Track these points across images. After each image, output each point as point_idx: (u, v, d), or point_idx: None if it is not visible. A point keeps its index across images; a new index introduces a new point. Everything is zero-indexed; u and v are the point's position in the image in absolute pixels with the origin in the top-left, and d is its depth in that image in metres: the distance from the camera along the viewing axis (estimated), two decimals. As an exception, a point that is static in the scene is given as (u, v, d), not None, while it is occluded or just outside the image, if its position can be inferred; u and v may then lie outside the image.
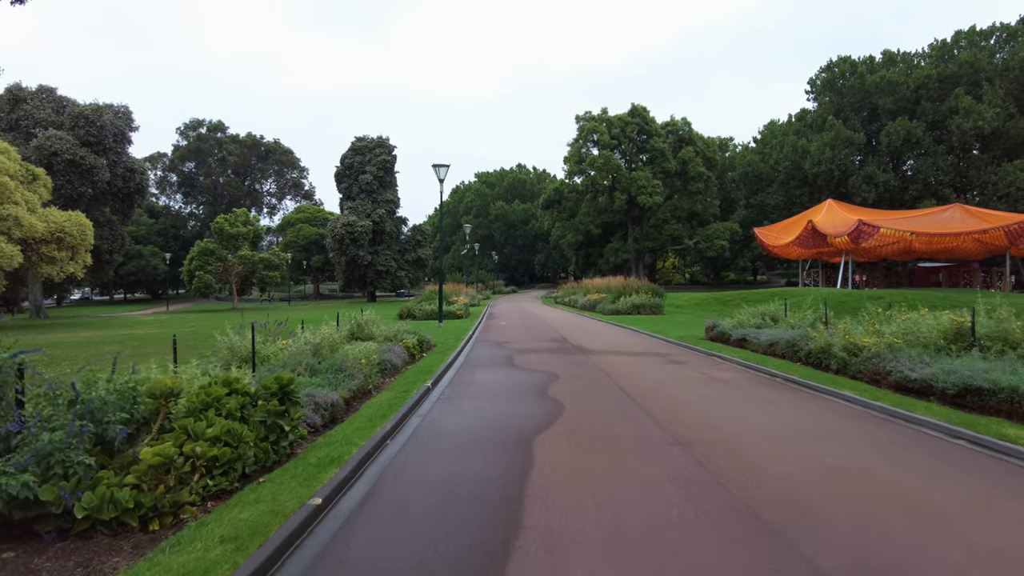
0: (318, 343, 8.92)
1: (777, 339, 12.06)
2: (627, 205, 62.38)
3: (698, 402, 7.66)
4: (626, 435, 5.90)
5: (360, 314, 13.61)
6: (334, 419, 7.00)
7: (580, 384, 9.02)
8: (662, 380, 9.40)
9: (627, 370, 10.49)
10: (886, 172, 53.89)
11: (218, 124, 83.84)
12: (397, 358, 10.98)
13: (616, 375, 9.91)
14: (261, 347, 8.95)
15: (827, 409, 7.34)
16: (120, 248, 43.51)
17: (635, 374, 10.02)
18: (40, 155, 36.70)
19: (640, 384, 9.03)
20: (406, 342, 12.39)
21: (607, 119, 65.05)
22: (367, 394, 8.56)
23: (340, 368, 8.15)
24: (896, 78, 53.48)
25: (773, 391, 8.54)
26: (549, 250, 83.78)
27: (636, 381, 9.30)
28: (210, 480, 4.31)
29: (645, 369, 10.62)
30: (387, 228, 57.30)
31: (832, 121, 54.63)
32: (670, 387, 8.76)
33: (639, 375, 9.90)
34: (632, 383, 9.11)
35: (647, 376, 9.79)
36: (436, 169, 21.87)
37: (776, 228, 52.30)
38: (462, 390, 8.74)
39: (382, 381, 9.69)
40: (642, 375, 9.89)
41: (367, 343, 10.73)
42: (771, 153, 62.59)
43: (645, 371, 10.36)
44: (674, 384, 9.04)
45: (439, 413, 7.18)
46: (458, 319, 26.64)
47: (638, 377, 9.69)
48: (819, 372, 9.85)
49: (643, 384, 9.03)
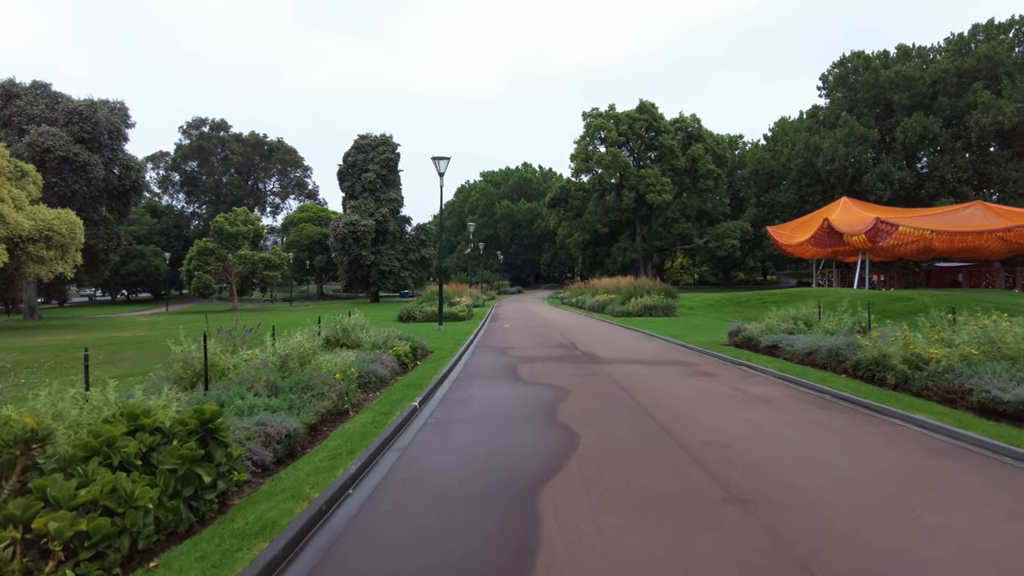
0: (286, 355, 7.58)
1: (816, 347, 10.63)
2: (635, 203, 60.88)
3: (743, 430, 6.26)
4: (664, 486, 4.50)
5: (347, 317, 12.28)
6: (292, 452, 5.66)
7: (595, 403, 7.63)
8: (691, 398, 8.00)
9: (648, 384, 9.09)
10: (901, 169, 52.33)
11: (221, 123, 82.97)
12: (385, 369, 9.64)
13: (636, 391, 8.52)
14: (221, 359, 7.62)
15: (904, 440, 5.92)
16: (116, 247, 42.47)
17: (658, 390, 8.62)
18: (33, 152, 35.69)
19: (666, 404, 7.63)
20: (396, 349, 11.05)
21: (615, 115, 63.56)
22: (342, 415, 7.23)
23: (308, 386, 6.81)
24: (912, 73, 51.90)
25: (827, 414, 7.12)
26: (555, 250, 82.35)
27: (661, 399, 7.90)
28: (71, 572, 2.97)
29: (668, 383, 9.22)
30: (390, 227, 56.09)
31: (846, 117, 53.06)
32: (703, 408, 7.37)
33: (663, 391, 8.50)
34: (657, 402, 7.71)
35: (673, 393, 8.39)
36: (436, 162, 20.56)
37: (789, 227, 50.96)
38: (454, 411, 7.37)
39: (364, 397, 8.35)
40: (666, 391, 8.49)
41: (350, 352, 9.39)
42: (782, 150, 61.20)
43: (669, 386, 8.96)
44: (707, 404, 7.64)
45: (422, 446, 5.81)
46: (460, 321, 25.29)
47: (662, 394, 8.29)
48: (873, 387, 8.43)
49: (670, 404, 7.63)
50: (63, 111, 37.65)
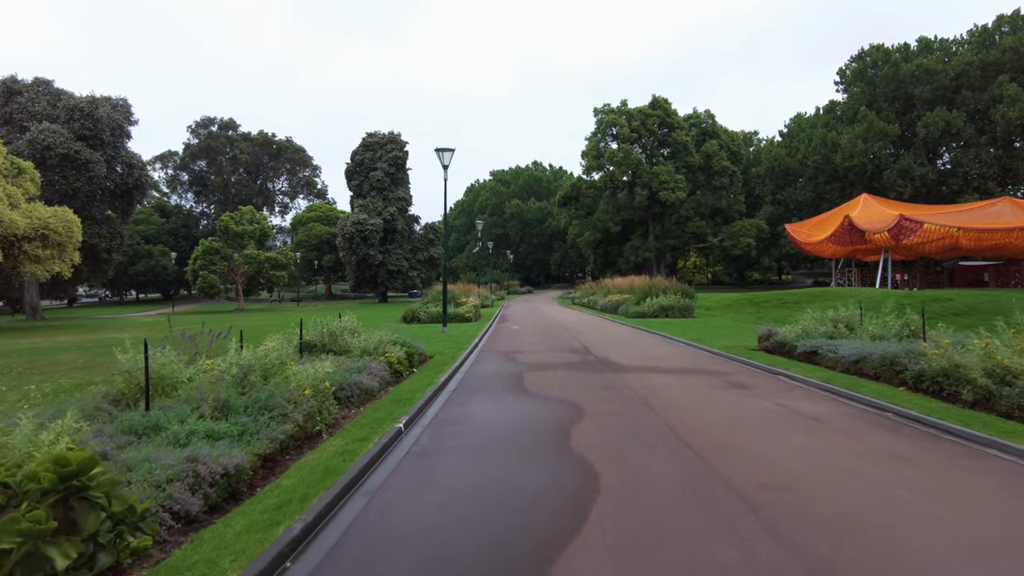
0: (247, 365, 6.40)
1: (865, 354, 9.28)
2: (648, 201, 59.36)
3: (804, 465, 4.97)
4: (723, 559, 3.24)
5: (338, 319, 11.11)
6: (235, 494, 4.46)
7: (616, 426, 6.37)
8: (730, 418, 6.70)
9: (675, 399, 7.80)
10: (923, 165, 50.54)
11: (229, 122, 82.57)
12: (372, 379, 8.45)
13: (663, 408, 7.24)
14: (175, 370, 6.47)
15: (1019, 483, 4.62)
16: (119, 247, 41.79)
17: (688, 407, 7.33)
18: (33, 149, 35.06)
19: (702, 426, 6.34)
20: (389, 356, 9.84)
21: (627, 111, 62.09)
22: (313, 439, 6.04)
23: (267, 405, 5.62)
24: (934, 66, 50.11)
25: (899, 440, 5.81)
26: (566, 249, 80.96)
27: (694, 420, 6.62)
28: None
29: (699, 398, 7.92)
30: (399, 226, 55.11)
31: (865, 112, 51.33)
32: (748, 432, 6.07)
33: (695, 409, 7.20)
34: (690, 424, 6.42)
35: (706, 411, 7.09)
36: (439, 154, 19.38)
37: (807, 224, 49.56)
38: (445, 436, 6.12)
39: (344, 414, 7.16)
40: (699, 409, 7.19)
41: (326, 362, 8.20)
42: (798, 147, 59.69)
43: (700, 401, 7.67)
44: (750, 426, 6.34)
45: (398, 488, 4.56)
46: (466, 322, 24.11)
47: (694, 412, 6.99)
48: (945, 404, 7.08)
49: (706, 426, 6.34)
50: (64, 108, 37.01)
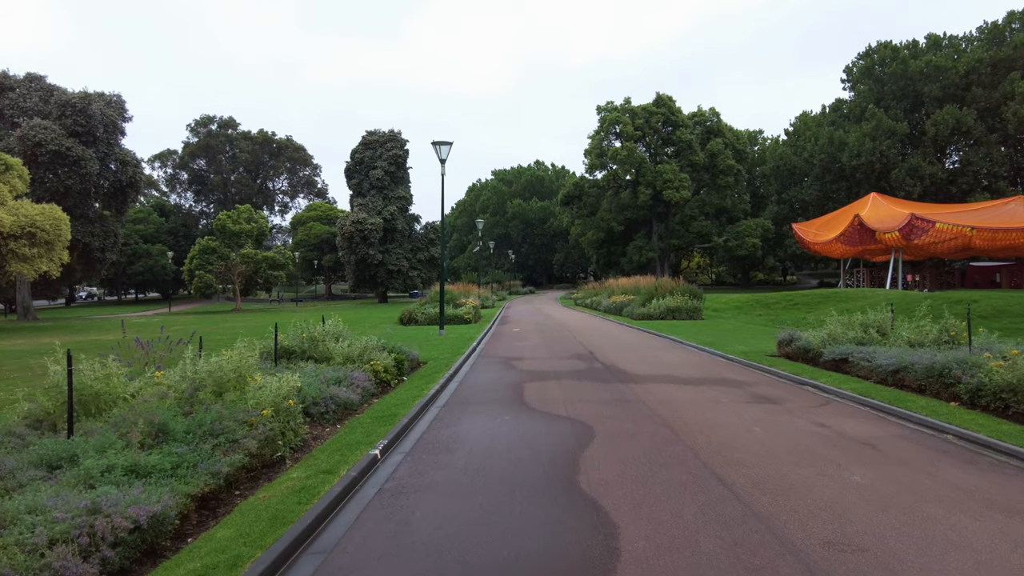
0: (198, 380, 5.44)
1: (905, 363, 8.27)
2: (652, 200, 58.34)
3: (877, 514, 3.95)
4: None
5: (321, 323, 10.15)
6: (154, 550, 3.50)
7: (632, 453, 5.35)
8: (767, 444, 5.69)
9: (698, 417, 6.80)
10: (932, 164, 49.53)
11: (229, 120, 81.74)
12: (353, 392, 7.48)
13: (685, 428, 6.24)
14: (116, 385, 5.51)
15: None
16: (113, 245, 40.91)
17: (715, 427, 6.32)
18: (24, 146, 34.22)
19: (736, 453, 5.33)
20: (374, 364, 8.87)
21: (630, 109, 61.08)
22: (272, 467, 5.07)
23: (214, 429, 4.65)
24: (943, 63, 49.18)
25: (982, 477, 4.79)
26: (568, 249, 79.97)
27: (725, 445, 5.61)
28: None
29: (725, 415, 6.92)
30: (399, 226, 54.21)
31: (873, 110, 50.35)
32: (792, 463, 5.06)
33: (723, 430, 6.20)
34: (721, 452, 5.41)
35: (737, 433, 6.09)
36: (436, 147, 18.41)
37: (815, 224, 48.72)
38: (428, 467, 5.10)
39: (317, 434, 6.19)
40: (727, 430, 6.19)
41: (312, 368, 7.24)
42: (804, 146, 58.88)
43: (727, 419, 6.66)
44: (795, 455, 5.32)
45: (359, 550, 3.49)
46: (465, 324, 23.13)
47: (724, 434, 5.99)
48: (1016, 426, 6.08)
49: (741, 454, 5.33)
50: (56, 103, 36.16)
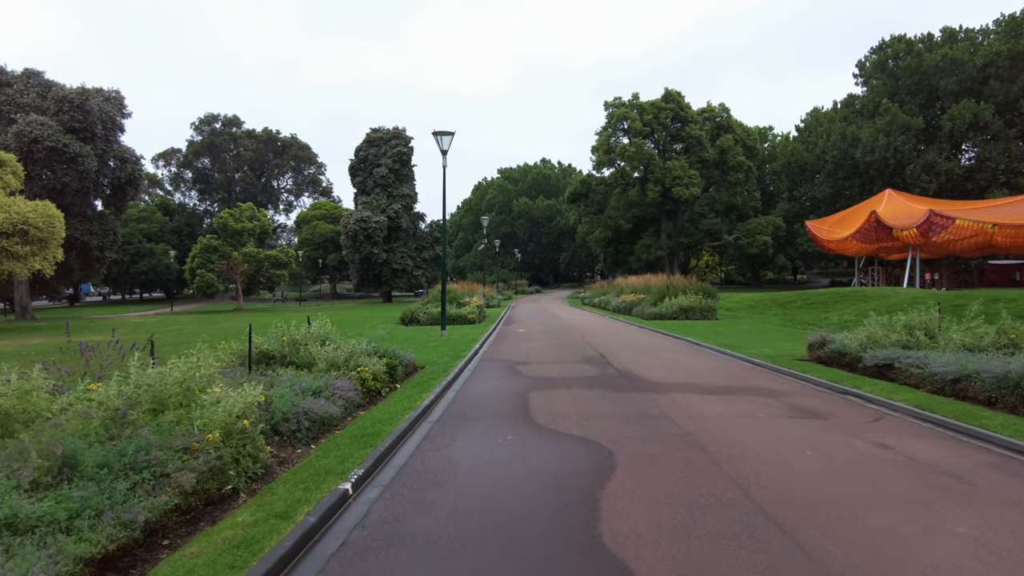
0: (132, 396, 4.47)
1: (969, 371, 7.18)
2: (661, 198, 57.13)
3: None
4: None
5: (307, 325, 9.19)
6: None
7: (665, 490, 4.31)
8: (829, 475, 4.62)
9: (736, 436, 5.76)
10: (949, 160, 48.22)
11: (233, 119, 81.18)
12: (333, 404, 6.50)
13: (725, 454, 5.19)
14: (33, 403, 4.56)
15: None
16: (113, 244, 40.23)
17: (760, 452, 5.27)
18: (20, 142, 33.54)
19: (795, 492, 4.27)
20: (362, 371, 7.90)
21: (639, 105, 59.90)
22: (219, 505, 4.11)
23: (136, 462, 3.68)
24: (960, 56, 47.76)
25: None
26: (575, 248, 78.85)
27: (779, 480, 4.55)
28: None
29: (766, 434, 5.88)
30: (403, 224, 53.33)
31: (887, 104, 49.06)
32: (867, 505, 4.00)
33: (769, 455, 5.14)
34: (774, 487, 4.36)
35: (787, 459, 5.02)
36: (437, 138, 17.43)
37: (828, 222, 47.64)
38: (409, 509, 4.03)
39: (284, 457, 5.22)
40: (775, 455, 5.12)
41: (255, 387, 6.27)
42: (816, 142, 57.79)
43: (771, 440, 5.62)
44: (868, 492, 4.26)
45: None
46: (469, 324, 22.16)
47: (772, 463, 4.92)
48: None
49: (801, 492, 4.26)
50: (53, 99, 35.47)
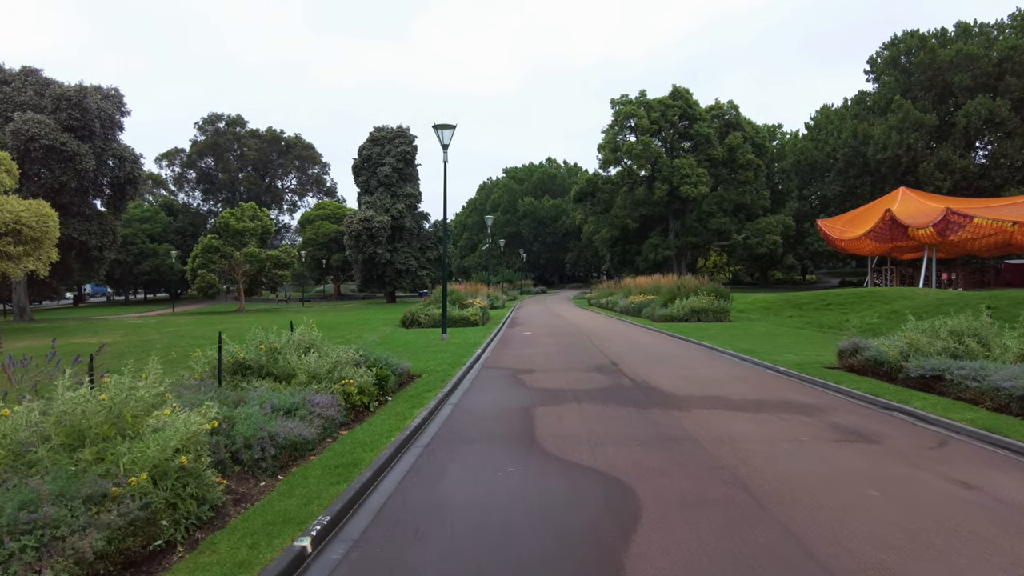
0: (40, 427, 3.62)
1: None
2: (668, 196, 56.06)
3: None
4: None
5: (289, 331, 8.33)
6: None
7: (705, 547, 3.37)
8: (907, 526, 3.70)
9: (780, 471, 4.83)
10: (964, 157, 47.02)
11: (237, 118, 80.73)
12: (309, 425, 5.63)
13: (772, 494, 4.26)
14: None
15: None
16: (112, 244, 39.63)
17: (813, 490, 4.31)
18: (16, 140, 32.97)
19: (869, 548, 3.33)
20: (347, 385, 7.03)
21: (646, 102, 58.87)
22: (145, 567, 3.26)
23: (18, 523, 2.82)
24: (975, 51, 46.61)
25: None
26: (581, 248, 77.87)
27: (844, 531, 3.63)
28: None
29: (816, 465, 4.94)
30: (407, 224, 52.59)
31: (900, 101, 47.94)
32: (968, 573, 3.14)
33: (826, 496, 4.19)
34: (838, 539, 3.43)
35: (852, 503, 4.07)
36: (438, 132, 16.57)
37: (840, 220, 46.64)
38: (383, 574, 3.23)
39: (244, 493, 4.37)
40: (835, 497, 4.16)
41: (268, 387, 5.41)
42: (826, 140, 56.74)
43: (824, 474, 4.67)
44: (966, 555, 3.33)
45: None
46: (472, 327, 21.28)
47: (832, 506, 3.97)
48: None
49: (877, 550, 3.33)
50: (50, 97, 34.89)
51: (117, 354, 15.11)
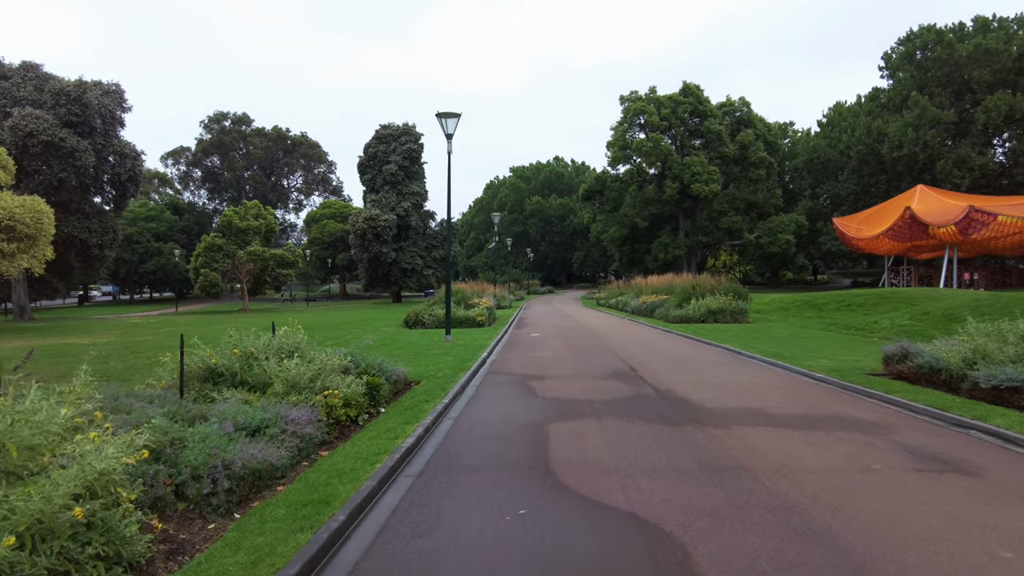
0: None
1: None
2: (679, 195, 54.87)
3: None
4: None
5: (269, 334, 7.39)
6: None
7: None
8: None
9: (865, 514, 3.79)
10: (983, 154, 45.65)
11: (243, 117, 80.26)
12: (279, 448, 4.68)
13: (868, 550, 3.20)
14: None
15: None
16: (113, 242, 39.00)
17: (920, 548, 3.26)
18: (15, 136, 32.38)
19: None
20: (331, 395, 6.09)
21: (656, 99, 57.69)
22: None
23: None
24: (994, 46, 45.22)
25: None
26: (588, 247, 76.74)
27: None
28: None
29: (908, 506, 3.92)
30: (413, 223, 51.74)
31: (916, 97, 46.57)
32: None
33: (940, 555, 3.20)
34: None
35: (979, 569, 3.14)
36: (442, 121, 15.61)
37: (856, 219, 45.48)
38: None
39: (184, 542, 3.42)
40: (951, 558, 3.16)
41: (240, 397, 4.46)
42: (840, 137, 55.42)
43: (924, 520, 3.66)
44: None
45: None
46: (477, 327, 20.33)
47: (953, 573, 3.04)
48: None
49: None
50: (50, 92, 34.28)
51: (105, 356, 14.28)
